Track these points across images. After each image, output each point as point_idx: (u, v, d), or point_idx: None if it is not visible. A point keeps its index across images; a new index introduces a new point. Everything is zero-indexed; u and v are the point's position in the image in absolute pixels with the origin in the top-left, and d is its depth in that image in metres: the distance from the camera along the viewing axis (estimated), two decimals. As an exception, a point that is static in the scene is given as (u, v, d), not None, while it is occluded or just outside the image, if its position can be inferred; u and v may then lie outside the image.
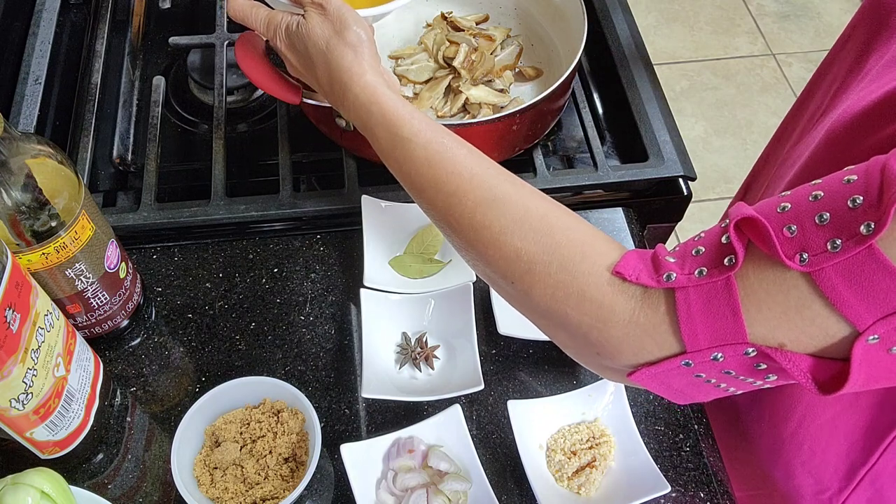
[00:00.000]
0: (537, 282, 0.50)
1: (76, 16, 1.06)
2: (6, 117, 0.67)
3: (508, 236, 0.52)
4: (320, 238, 0.85)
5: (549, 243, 0.50)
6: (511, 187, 0.54)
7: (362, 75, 0.63)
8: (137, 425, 0.72)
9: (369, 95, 0.61)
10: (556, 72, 0.95)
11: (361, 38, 0.64)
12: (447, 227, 0.57)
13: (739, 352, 0.43)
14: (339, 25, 0.65)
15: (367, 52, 0.64)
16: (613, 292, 0.47)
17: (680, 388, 0.48)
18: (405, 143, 0.59)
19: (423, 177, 0.58)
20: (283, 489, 0.66)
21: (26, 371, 0.58)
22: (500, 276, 0.53)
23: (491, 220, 0.53)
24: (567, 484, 0.69)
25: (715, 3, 2.63)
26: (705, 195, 2.13)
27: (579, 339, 0.50)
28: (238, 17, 0.71)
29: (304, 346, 0.77)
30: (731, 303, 0.42)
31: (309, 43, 0.66)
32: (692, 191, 0.91)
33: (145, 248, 0.83)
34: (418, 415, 0.72)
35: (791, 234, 0.40)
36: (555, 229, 0.51)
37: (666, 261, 0.46)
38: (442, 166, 0.57)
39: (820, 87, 0.70)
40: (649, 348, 0.46)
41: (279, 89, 0.79)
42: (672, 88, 2.37)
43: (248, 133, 0.97)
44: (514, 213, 0.53)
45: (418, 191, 0.59)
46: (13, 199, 0.59)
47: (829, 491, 0.69)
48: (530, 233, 0.51)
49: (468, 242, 0.55)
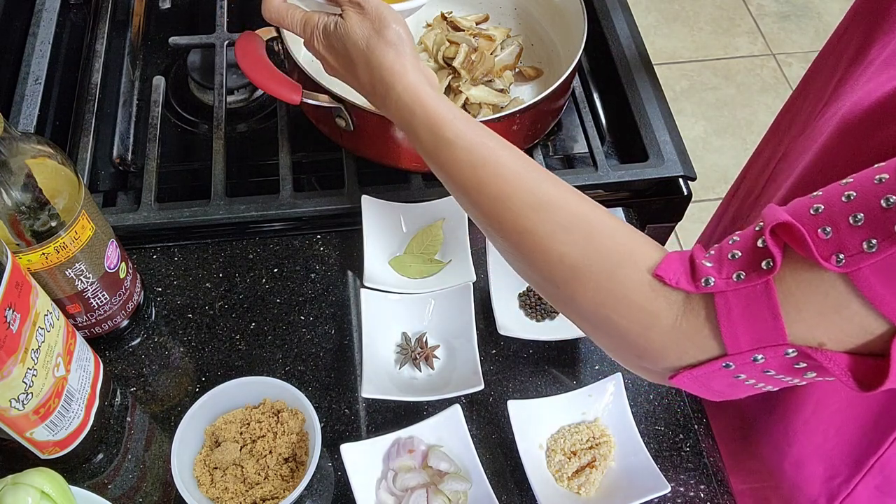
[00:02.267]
0: (582, 287, 0.51)
1: (76, 16, 1.06)
2: (6, 117, 0.67)
3: (553, 241, 0.52)
4: (320, 238, 0.85)
5: (593, 248, 0.51)
6: (555, 190, 0.54)
7: (405, 74, 0.62)
8: (137, 425, 0.72)
9: (412, 95, 0.61)
10: (556, 72, 0.95)
11: (401, 37, 0.63)
12: (491, 230, 0.57)
13: (780, 353, 0.44)
14: (378, 24, 0.64)
15: (408, 50, 0.63)
16: (656, 297, 0.48)
17: (719, 388, 0.49)
18: (448, 145, 0.58)
19: (467, 179, 0.57)
20: (283, 489, 0.66)
21: (26, 371, 0.58)
22: (545, 279, 0.54)
23: (535, 224, 0.53)
24: (567, 484, 0.69)
25: (715, 3, 2.63)
26: (705, 195, 2.13)
27: (622, 343, 0.51)
28: (273, 20, 0.70)
29: (304, 346, 0.77)
30: (771, 305, 0.43)
31: (348, 43, 0.65)
32: (692, 191, 0.91)
33: (145, 248, 0.83)
34: (418, 415, 0.72)
35: (826, 235, 0.41)
36: (598, 233, 0.51)
37: (703, 265, 0.46)
38: (486, 169, 0.56)
39: (817, 79, 0.70)
40: (691, 352, 0.47)
41: (279, 89, 0.79)
42: (672, 88, 2.37)
43: (248, 133, 0.97)
44: (558, 217, 0.53)
45: (461, 193, 0.59)
46: (13, 199, 0.59)
47: (839, 477, 0.69)
48: (575, 237, 0.51)
49: (512, 246, 0.55)
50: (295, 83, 0.79)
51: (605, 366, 0.77)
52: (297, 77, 0.84)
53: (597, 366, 0.77)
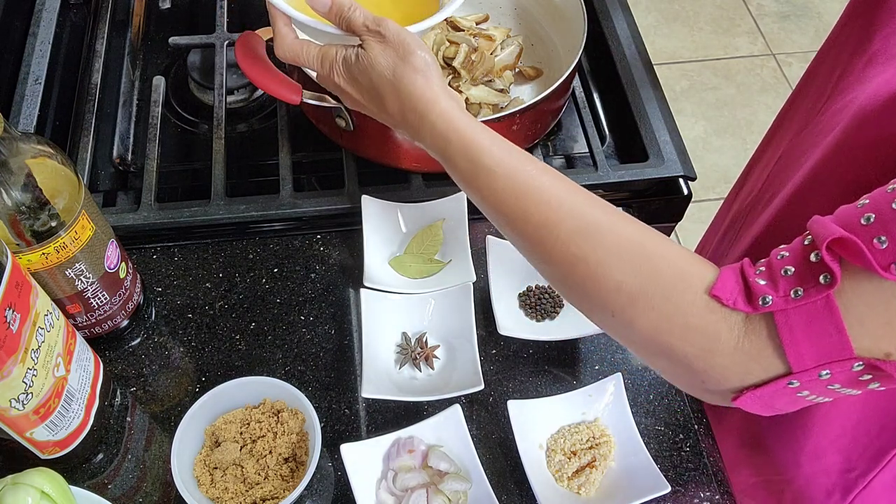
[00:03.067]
0: (640, 314, 0.50)
1: (76, 16, 1.06)
2: (6, 117, 0.67)
3: (606, 268, 0.51)
4: (320, 238, 0.85)
5: (648, 273, 0.50)
6: (602, 214, 0.53)
7: (437, 101, 0.60)
8: (137, 425, 0.72)
9: (447, 122, 0.59)
10: (556, 72, 0.95)
11: (427, 62, 0.61)
12: (538, 260, 0.56)
13: (847, 367, 0.43)
14: (402, 51, 0.61)
15: (436, 76, 0.61)
16: (716, 320, 0.47)
17: (781, 406, 0.48)
18: (487, 173, 0.57)
19: (510, 208, 0.56)
20: (283, 489, 0.66)
21: (26, 371, 0.58)
22: (599, 308, 0.52)
23: (586, 252, 0.52)
24: (567, 484, 0.69)
25: (715, 3, 2.63)
26: (705, 195, 2.13)
27: (683, 368, 0.50)
28: (288, 58, 0.68)
29: (304, 346, 0.77)
30: (834, 320, 0.43)
31: (373, 74, 0.62)
32: (692, 191, 0.91)
33: (145, 248, 0.83)
34: (418, 415, 0.72)
35: (882, 245, 0.41)
36: (652, 256, 0.50)
37: (757, 283, 0.46)
38: (529, 197, 0.55)
39: (817, 77, 0.70)
40: (755, 372, 0.46)
41: (279, 89, 0.79)
42: (672, 88, 2.37)
43: (248, 133, 0.97)
44: (609, 242, 0.51)
45: (504, 222, 0.57)
46: (13, 199, 0.59)
47: (856, 471, 0.69)
48: (628, 263, 0.50)
49: (563, 275, 0.54)
50: (295, 83, 0.79)
51: (605, 366, 0.77)
52: (297, 77, 0.84)
53: (597, 366, 0.77)
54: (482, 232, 0.82)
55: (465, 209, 0.81)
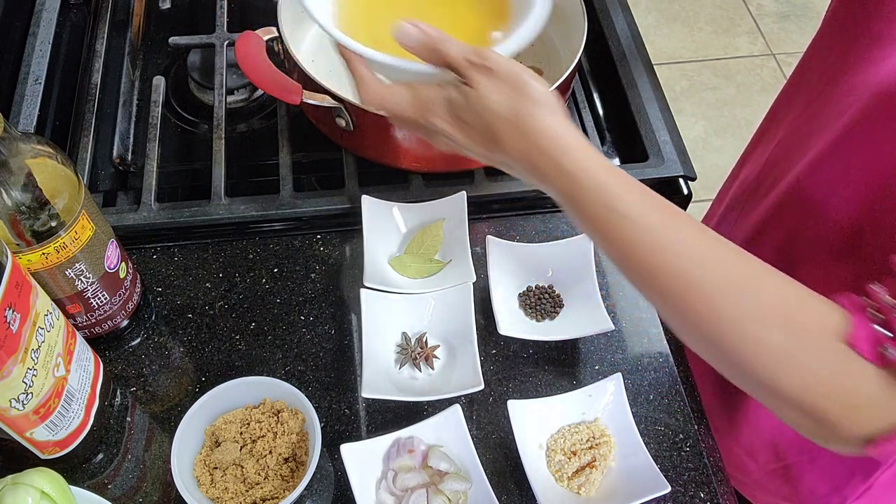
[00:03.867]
0: (785, 372, 0.48)
1: (76, 16, 1.06)
2: (6, 117, 0.67)
3: (750, 325, 0.49)
4: (320, 238, 0.85)
5: (792, 330, 0.48)
6: (746, 269, 0.51)
7: (565, 137, 0.54)
8: (137, 425, 0.72)
9: (576, 161, 0.54)
10: (556, 72, 0.95)
11: (546, 93, 0.55)
12: (671, 312, 0.53)
13: None
14: (518, 85, 0.55)
15: (559, 107, 0.56)
16: (856, 372, 0.46)
17: None
18: (622, 222, 0.52)
19: (646, 261, 0.52)
20: (283, 489, 0.66)
21: (26, 371, 0.58)
22: (735, 364, 0.51)
23: (728, 309, 0.49)
24: (567, 484, 0.69)
25: (715, 3, 2.63)
26: (705, 195, 2.12)
27: (818, 422, 0.48)
28: (376, 104, 0.61)
29: (304, 346, 0.77)
30: None
31: (488, 115, 0.55)
32: (692, 191, 0.91)
33: (145, 248, 0.83)
34: (418, 415, 0.72)
35: None
36: (794, 311, 0.49)
37: (884, 335, 0.45)
38: (668, 252, 0.51)
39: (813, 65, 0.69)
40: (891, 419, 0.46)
41: (279, 89, 0.79)
42: (672, 88, 2.37)
43: (248, 133, 0.97)
44: (752, 300, 0.49)
45: (636, 273, 0.54)
46: (13, 199, 0.59)
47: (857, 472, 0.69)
48: (772, 321, 0.48)
49: (701, 332, 0.51)
50: (295, 83, 0.79)
51: (605, 366, 0.77)
52: (297, 77, 0.84)
53: (597, 366, 0.77)
54: (482, 232, 0.82)
55: (465, 209, 0.81)
